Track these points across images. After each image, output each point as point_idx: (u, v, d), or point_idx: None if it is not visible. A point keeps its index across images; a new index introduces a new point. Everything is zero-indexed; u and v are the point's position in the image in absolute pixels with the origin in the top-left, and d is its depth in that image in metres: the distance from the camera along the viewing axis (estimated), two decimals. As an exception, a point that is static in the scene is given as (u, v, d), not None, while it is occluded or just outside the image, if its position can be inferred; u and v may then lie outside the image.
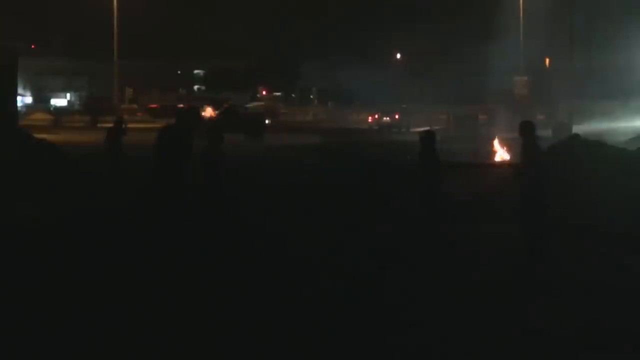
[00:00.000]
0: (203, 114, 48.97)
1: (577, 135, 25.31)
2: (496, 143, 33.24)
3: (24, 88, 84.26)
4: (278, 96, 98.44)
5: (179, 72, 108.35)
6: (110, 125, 21.03)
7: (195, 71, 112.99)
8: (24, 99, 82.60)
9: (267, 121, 58.07)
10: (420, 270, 11.60)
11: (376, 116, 64.82)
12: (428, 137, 12.85)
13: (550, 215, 11.75)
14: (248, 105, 73.83)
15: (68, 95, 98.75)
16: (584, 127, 45.89)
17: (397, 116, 65.01)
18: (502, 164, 28.86)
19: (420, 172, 12.73)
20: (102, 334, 8.60)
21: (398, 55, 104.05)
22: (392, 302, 10.05)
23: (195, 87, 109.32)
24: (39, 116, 68.24)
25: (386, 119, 64.17)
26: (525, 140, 11.63)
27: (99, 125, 59.61)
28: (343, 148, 36.80)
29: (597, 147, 21.88)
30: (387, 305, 9.93)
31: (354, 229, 15.05)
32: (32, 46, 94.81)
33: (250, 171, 24.97)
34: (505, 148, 31.66)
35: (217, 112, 49.94)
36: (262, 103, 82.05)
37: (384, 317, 9.42)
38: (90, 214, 15.81)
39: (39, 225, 14.51)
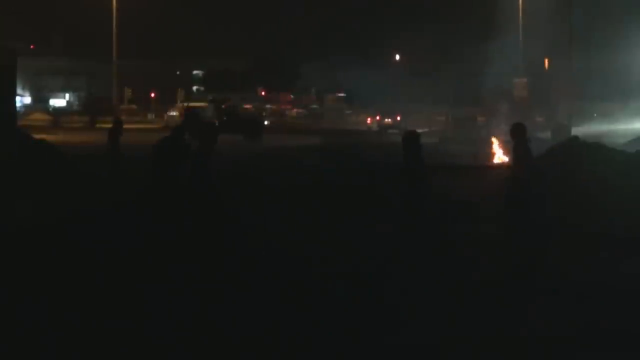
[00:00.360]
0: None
1: (576, 137, 25.32)
2: (495, 145, 33.31)
3: (23, 88, 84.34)
4: (342, 97, 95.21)
5: (178, 72, 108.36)
6: (110, 125, 21.09)
7: (194, 72, 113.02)
8: (23, 99, 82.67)
9: (265, 122, 58.17)
10: (420, 270, 11.60)
11: (377, 117, 64.57)
12: (411, 138, 12.16)
13: (545, 216, 11.77)
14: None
15: (67, 95, 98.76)
16: (583, 129, 45.91)
17: (398, 117, 64.85)
18: (500, 165, 28.91)
19: (403, 174, 12.46)
20: (102, 334, 8.62)
21: (397, 56, 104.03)
22: (391, 302, 10.06)
23: (194, 87, 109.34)
24: (38, 116, 68.28)
25: (388, 120, 64.01)
26: (516, 142, 11.67)
27: (97, 125, 59.72)
28: (343, 149, 36.82)
29: (596, 149, 21.88)
30: (386, 305, 9.94)
31: (354, 229, 15.06)
32: (31, 46, 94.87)
33: (250, 171, 25.00)
34: (502, 150, 31.74)
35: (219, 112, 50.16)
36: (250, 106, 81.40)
37: (383, 317, 9.43)
38: (90, 214, 15.80)
39: (38, 226, 14.50)
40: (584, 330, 8.96)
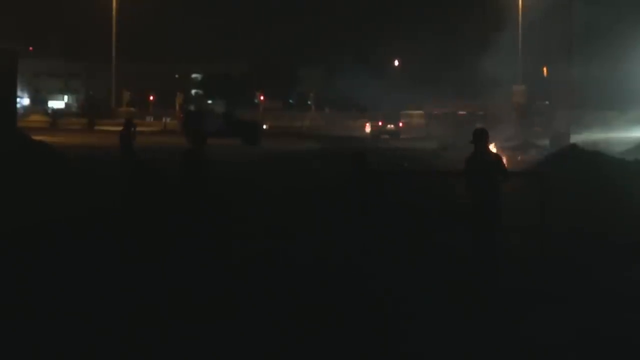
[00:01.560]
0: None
1: (575, 145, 25.46)
2: (494, 150, 33.31)
3: (22, 90, 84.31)
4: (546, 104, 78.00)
5: (176, 75, 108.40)
6: (121, 128, 21.14)
7: (193, 75, 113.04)
8: (22, 101, 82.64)
9: (264, 126, 58.16)
10: (412, 274, 11.66)
11: (380, 123, 64.00)
12: (358, 156, 13.73)
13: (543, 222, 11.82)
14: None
15: (65, 97, 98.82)
16: (582, 137, 45.96)
17: (401, 124, 64.49)
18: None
19: (352, 189, 13.32)
20: (99, 335, 8.64)
21: (397, 62, 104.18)
22: (385, 306, 10.09)
23: (193, 91, 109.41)
24: (36, 118, 68.35)
25: (390, 126, 63.58)
26: (476, 147, 11.68)
27: (96, 128, 59.80)
28: (342, 154, 36.76)
29: (595, 157, 22.00)
30: (380, 309, 9.96)
31: (351, 231, 15.04)
32: (30, 48, 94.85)
33: (247, 175, 25.02)
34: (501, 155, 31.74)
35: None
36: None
37: (376, 321, 9.44)
38: (85, 215, 15.77)
39: (37, 225, 14.50)
40: (581, 337, 8.96)
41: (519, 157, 36.05)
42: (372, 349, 8.50)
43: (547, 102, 66.18)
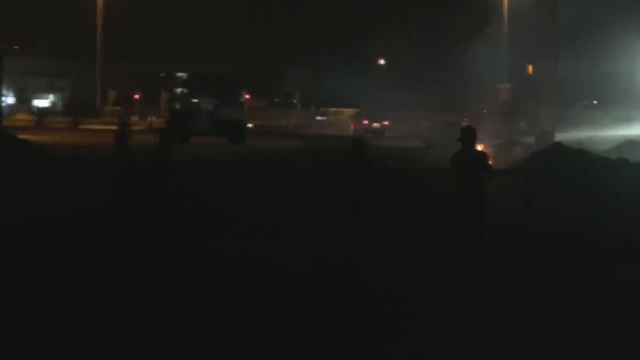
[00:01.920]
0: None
1: (560, 144, 25.62)
2: (480, 148, 33.38)
3: (7, 88, 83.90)
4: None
5: (162, 74, 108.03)
6: (115, 128, 21.06)
7: (178, 74, 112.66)
8: (7, 100, 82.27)
9: (249, 125, 58.12)
10: (405, 273, 11.68)
11: (366, 122, 64.19)
12: (357, 144, 13.28)
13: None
14: None
15: (51, 96, 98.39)
16: (567, 135, 46.17)
17: (386, 122, 64.69)
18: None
19: (348, 180, 12.95)
20: (95, 334, 8.63)
21: (382, 61, 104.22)
22: (379, 306, 10.12)
23: (178, 90, 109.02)
24: (22, 117, 68.17)
25: (376, 125, 63.80)
26: (463, 145, 11.71)
27: (80, 127, 59.69)
28: (328, 152, 36.78)
29: (580, 155, 22.15)
30: (373, 310, 9.98)
31: (342, 230, 15.05)
32: (15, 47, 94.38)
33: (233, 172, 25.00)
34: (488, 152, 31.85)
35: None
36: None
37: (369, 322, 9.47)
38: (71, 214, 15.72)
39: (21, 225, 14.45)
40: (568, 338, 9.00)
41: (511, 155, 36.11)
42: (371, 349, 8.53)
43: (535, 102, 66.40)
